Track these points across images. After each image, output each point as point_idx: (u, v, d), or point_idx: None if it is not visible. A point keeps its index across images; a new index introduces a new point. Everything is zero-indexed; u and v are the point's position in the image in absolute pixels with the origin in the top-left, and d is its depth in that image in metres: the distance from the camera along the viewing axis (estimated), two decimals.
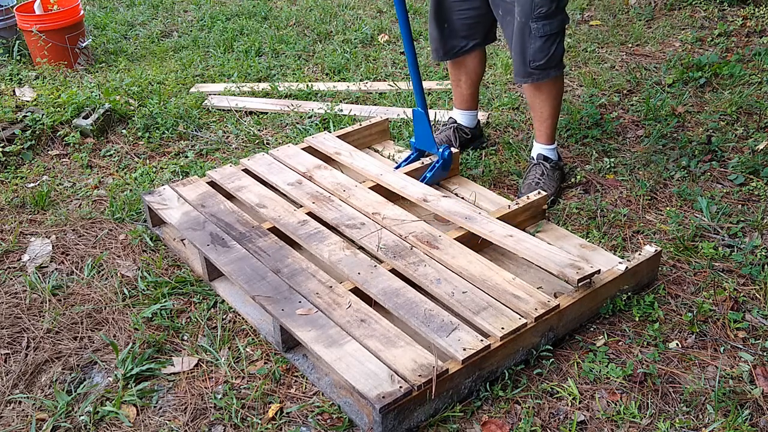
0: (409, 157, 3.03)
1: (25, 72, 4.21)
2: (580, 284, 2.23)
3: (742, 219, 2.76)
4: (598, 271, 2.27)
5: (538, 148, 3.00)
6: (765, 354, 2.17)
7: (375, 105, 3.82)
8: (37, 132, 3.50)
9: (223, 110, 3.83)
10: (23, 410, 2.07)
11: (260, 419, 2.02)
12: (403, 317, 2.13)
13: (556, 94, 2.88)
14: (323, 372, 2.14)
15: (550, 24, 2.70)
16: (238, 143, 3.50)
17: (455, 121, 3.29)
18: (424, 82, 4.02)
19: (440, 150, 2.91)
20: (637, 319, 2.32)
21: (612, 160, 3.17)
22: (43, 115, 3.55)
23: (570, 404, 2.04)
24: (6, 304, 2.46)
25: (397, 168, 2.97)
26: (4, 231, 2.88)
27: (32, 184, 3.20)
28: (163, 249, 2.73)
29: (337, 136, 3.17)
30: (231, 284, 2.49)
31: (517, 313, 2.12)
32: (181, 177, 3.20)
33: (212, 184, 2.88)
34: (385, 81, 4.11)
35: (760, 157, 3.09)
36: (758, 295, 2.39)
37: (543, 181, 2.91)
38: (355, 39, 4.73)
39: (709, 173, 3.06)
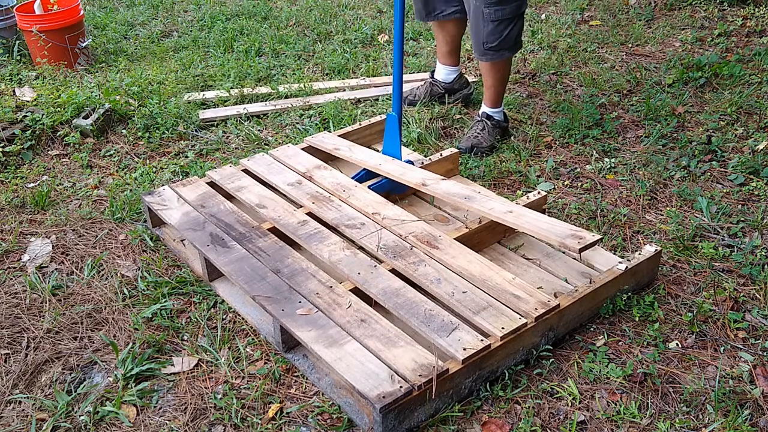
0: (360, 172, 2.92)
1: (25, 72, 4.21)
2: (581, 252, 2.25)
3: (742, 219, 2.76)
4: (600, 240, 2.31)
5: (484, 108, 3.35)
6: (765, 354, 2.17)
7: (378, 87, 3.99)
8: (37, 132, 3.50)
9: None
10: (23, 410, 2.07)
11: (260, 419, 2.02)
12: (403, 317, 2.13)
13: (503, 69, 3.21)
14: (323, 372, 2.14)
15: (503, 10, 2.97)
16: (238, 143, 3.50)
17: (432, 76, 3.62)
18: (419, 74, 4.05)
19: (403, 161, 2.90)
20: (637, 319, 2.32)
21: (612, 160, 3.18)
22: (43, 115, 3.55)
23: (570, 404, 2.04)
24: (6, 304, 2.46)
25: (354, 177, 2.87)
26: (4, 231, 2.88)
27: (32, 184, 3.20)
28: (163, 249, 2.73)
29: (338, 136, 3.17)
30: (231, 284, 2.49)
31: (517, 312, 2.12)
32: (181, 177, 3.20)
33: (212, 184, 2.88)
34: (386, 76, 4.11)
35: (760, 157, 3.09)
36: (758, 295, 2.39)
37: (482, 135, 3.28)
38: (355, 39, 4.73)
39: (709, 173, 3.06)
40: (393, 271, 2.33)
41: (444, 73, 3.63)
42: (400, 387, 1.89)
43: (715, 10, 4.84)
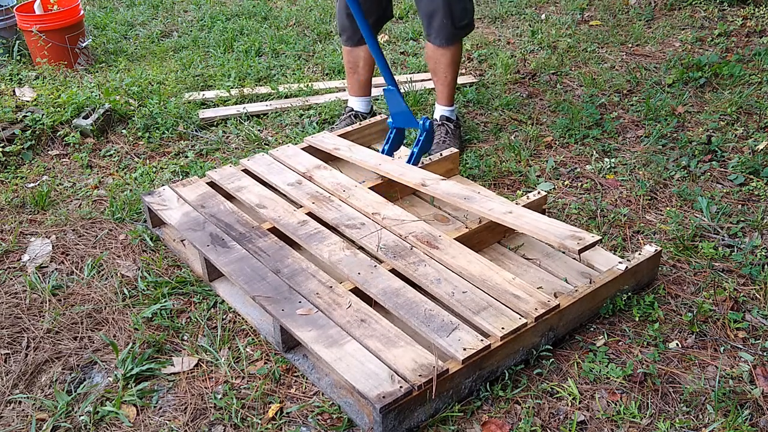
0: (388, 137, 3.03)
1: (25, 72, 4.21)
2: (581, 254, 2.25)
3: (742, 219, 2.76)
4: (600, 240, 2.31)
5: (441, 110, 3.35)
6: (765, 354, 2.17)
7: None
8: (37, 132, 3.50)
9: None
10: (23, 410, 2.07)
11: (260, 419, 2.02)
12: (403, 317, 2.13)
13: (459, 59, 3.24)
14: (323, 372, 2.14)
15: None
16: (238, 143, 3.50)
17: (353, 109, 3.55)
18: (420, 74, 4.03)
19: (420, 122, 2.95)
20: (637, 319, 2.32)
21: (612, 160, 3.18)
22: (43, 115, 3.55)
23: (570, 404, 2.04)
24: (6, 304, 2.46)
25: (383, 152, 3.00)
26: (4, 231, 2.88)
27: (32, 184, 3.20)
28: (163, 249, 2.73)
29: (337, 136, 3.17)
30: (231, 284, 2.49)
31: (517, 312, 2.12)
32: (181, 177, 3.20)
33: (212, 184, 2.88)
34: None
35: (760, 157, 3.09)
36: (758, 295, 2.39)
37: (448, 139, 3.27)
38: None
39: (709, 173, 3.06)
40: (393, 271, 2.33)
41: (364, 104, 3.55)
42: (400, 387, 1.89)
43: (715, 10, 4.84)
